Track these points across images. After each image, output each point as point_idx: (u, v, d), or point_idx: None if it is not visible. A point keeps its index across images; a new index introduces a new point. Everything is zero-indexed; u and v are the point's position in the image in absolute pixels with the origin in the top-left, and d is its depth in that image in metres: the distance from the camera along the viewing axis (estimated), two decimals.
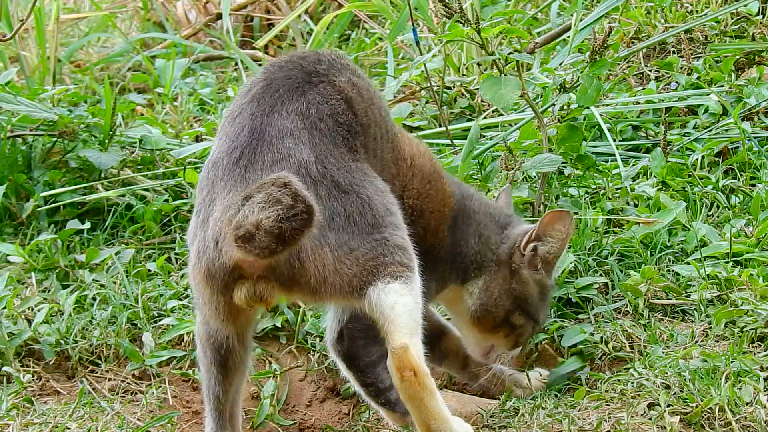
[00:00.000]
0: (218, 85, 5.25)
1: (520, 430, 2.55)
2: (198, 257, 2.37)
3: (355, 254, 2.36)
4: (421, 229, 2.77)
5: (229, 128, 2.47)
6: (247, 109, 2.47)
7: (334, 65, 2.61)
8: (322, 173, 2.39)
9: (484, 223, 2.88)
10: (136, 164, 4.05)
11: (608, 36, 3.39)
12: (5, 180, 3.86)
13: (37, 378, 3.08)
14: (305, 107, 2.47)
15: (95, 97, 4.90)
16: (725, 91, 4.06)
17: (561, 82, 3.47)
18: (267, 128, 2.41)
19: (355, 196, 2.41)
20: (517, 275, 2.82)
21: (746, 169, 3.65)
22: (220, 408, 2.58)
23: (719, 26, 4.49)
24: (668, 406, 2.44)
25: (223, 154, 2.41)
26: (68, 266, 3.49)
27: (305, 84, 2.52)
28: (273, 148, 2.38)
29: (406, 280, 2.38)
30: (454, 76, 4.58)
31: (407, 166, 2.77)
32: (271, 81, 2.53)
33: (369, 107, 2.60)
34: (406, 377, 2.30)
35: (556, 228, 2.79)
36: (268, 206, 2.18)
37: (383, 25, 5.58)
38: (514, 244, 2.83)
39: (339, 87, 2.55)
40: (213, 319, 2.44)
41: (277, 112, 2.45)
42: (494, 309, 2.82)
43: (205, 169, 2.46)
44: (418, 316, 2.38)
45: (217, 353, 2.53)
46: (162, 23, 6.33)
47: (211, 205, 2.36)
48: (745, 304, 2.86)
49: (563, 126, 3.51)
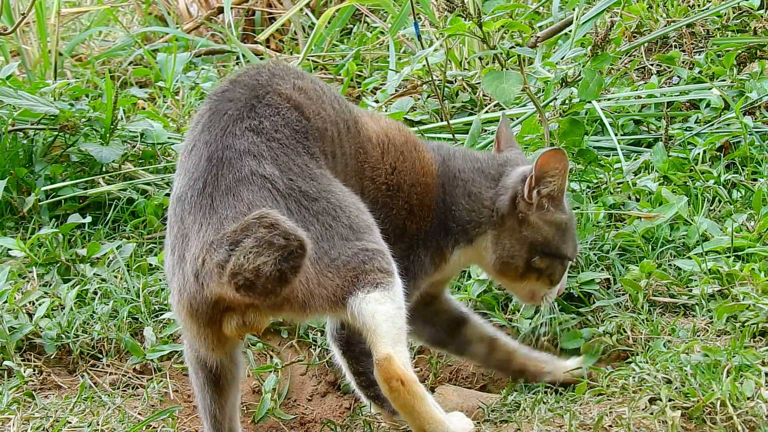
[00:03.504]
0: (220, 79, 5.24)
1: (521, 424, 2.55)
2: (180, 293, 2.34)
3: (336, 264, 2.34)
4: (405, 205, 2.73)
5: (186, 162, 2.43)
6: (200, 139, 2.43)
7: (276, 74, 2.58)
8: (288, 186, 2.37)
9: (472, 179, 2.82)
10: (137, 158, 4.04)
11: (610, 30, 3.38)
12: (6, 174, 3.86)
13: (38, 372, 3.08)
14: (258, 122, 2.43)
15: (96, 91, 4.90)
16: (727, 85, 4.06)
17: (563, 77, 3.47)
18: (224, 152, 2.38)
19: (325, 202, 2.39)
20: (527, 222, 2.77)
21: (748, 163, 3.65)
22: (218, 426, 2.57)
23: (721, 20, 4.49)
24: (670, 401, 2.44)
25: (186, 187, 2.38)
26: (69, 260, 3.49)
27: (252, 99, 2.48)
28: (234, 168, 2.35)
29: (386, 287, 2.35)
30: (455, 71, 4.57)
31: (373, 146, 2.72)
32: (216, 108, 2.49)
33: (321, 107, 2.57)
34: (394, 387, 2.28)
35: (552, 167, 2.73)
36: (262, 251, 2.17)
37: (385, 19, 5.58)
38: (516, 194, 2.78)
39: (286, 95, 2.52)
40: (202, 348, 2.44)
41: (231, 134, 2.41)
42: (512, 260, 2.79)
43: (171, 206, 2.43)
44: (401, 323, 2.35)
45: (209, 374, 2.53)
46: (163, 17, 6.32)
47: (184, 242, 2.33)
48: (747, 298, 2.85)
49: (565, 120, 3.51)
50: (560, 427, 2.49)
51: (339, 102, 2.67)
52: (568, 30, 4.40)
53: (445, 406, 2.66)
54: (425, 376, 3.10)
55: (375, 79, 4.76)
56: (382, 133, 2.76)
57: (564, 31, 4.51)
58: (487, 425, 2.60)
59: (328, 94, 2.64)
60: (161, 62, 5.14)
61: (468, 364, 3.13)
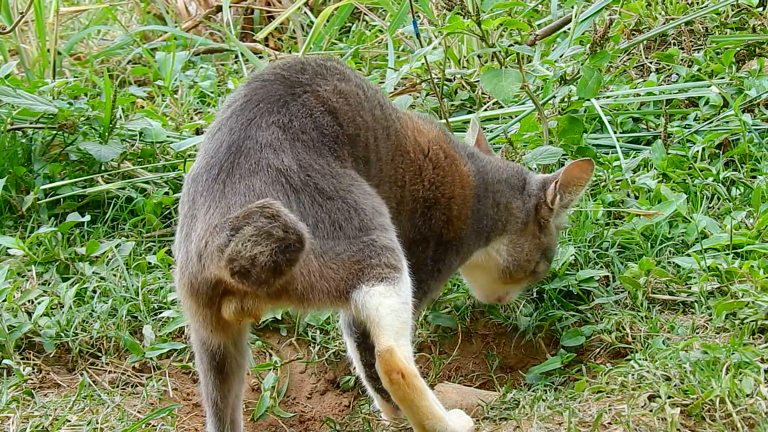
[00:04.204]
0: (218, 77, 5.24)
1: (520, 422, 2.55)
2: (182, 271, 2.36)
3: (341, 258, 2.34)
4: (443, 216, 2.80)
5: (208, 144, 2.46)
6: (226, 125, 2.46)
7: (319, 73, 2.58)
8: (304, 181, 2.37)
9: (501, 191, 2.95)
10: (136, 157, 4.04)
11: (609, 28, 3.39)
12: (5, 173, 3.85)
13: (38, 370, 3.08)
14: (287, 119, 2.45)
15: (95, 89, 4.90)
16: (726, 83, 4.06)
17: (561, 75, 3.47)
18: (245, 141, 2.40)
19: (340, 201, 2.39)
20: (546, 228, 2.96)
21: (747, 161, 3.65)
22: (219, 414, 2.57)
23: (720, 18, 4.49)
24: (669, 398, 2.44)
25: (203, 170, 2.40)
26: (68, 259, 3.49)
27: (287, 96, 2.49)
28: (250, 159, 2.37)
29: (392, 282, 2.35)
30: (454, 69, 4.57)
31: (412, 160, 2.76)
32: (251, 96, 2.50)
33: (358, 114, 2.57)
34: (395, 380, 2.29)
35: (579, 176, 2.92)
36: (260, 240, 2.17)
37: (384, 17, 5.58)
38: (539, 201, 2.95)
39: (323, 98, 2.52)
40: (202, 329, 2.44)
41: (256, 125, 2.42)
42: (526, 264, 2.96)
43: (186, 184, 2.45)
44: (406, 317, 2.35)
45: (212, 359, 2.53)
46: (162, 16, 6.32)
47: (192, 221, 2.35)
48: (746, 295, 2.86)
49: (564, 118, 3.52)
50: (559, 424, 2.48)
51: (382, 109, 2.68)
52: (567, 28, 4.40)
53: (445, 403, 2.66)
54: (425, 374, 3.10)
55: (374, 78, 4.76)
56: (423, 148, 2.81)
57: (563, 29, 4.51)
58: (486, 423, 2.60)
59: (371, 100, 2.65)
60: (160, 61, 5.14)
61: (467, 362, 3.13)
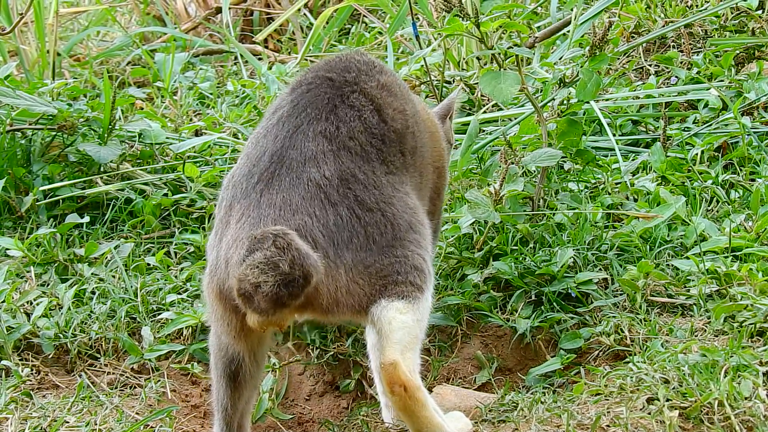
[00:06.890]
0: (218, 79, 5.25)
1: (519, 424, 2.55)
2: (211, 275, 2.37)
3: (369, 271, 2.34)
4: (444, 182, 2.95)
5: (251, 150, 2.44)
6: (272, 132, 2.44)
7: (362, 69, 2.57)
8: (344, 194, 2.35)
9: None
10: (135, 158, 4.04)
11: (608, 30, 3.38)
12: (4, 174, 3.85)
13: (36, 372, 3.08)
14: (335, 127, 2.42)
15: (94, 91, 4.90)
16: (725, 85, 4.06)
17: (561, 77, 3.47)
18: (289, 151, 2.38)
19: (380, 214, 2.38)
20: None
21: (746, 163, 3.65)
22: (228, 419, 2.57)
23: (719, 21, 4.49)
24: (667, 401, 2.44)
25: (243, 177, 2.39)
26: (67, 260, 3.49)
27: (336, 98, 2.47)
28: (292, 172, 2.35)
29: (412, 300, 2.35)
30: (453, 71, 4.57)
31: (432, 132, 2.85)
32: (298, 101, 2.48)
33: (403, 104, 2.57)
34: (396, 392, 2.28)
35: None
36: (267, 270, 2.17)
37: (383, 19, 5.58)
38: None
39: (371, 95, 2.51)
40: (225, 334, 2.43)
41: (302, 133, 2.40)
42: None
43: (225, 188, 2.44)
44: (417, 333, 2.34)
45: (227, 367, 2.52)
46: (161, 17, 6.32)
47: (226, 227, 2.36)
48: (745, 298, 2.85)
49: (563, 120, 3.51)
50: (558, 427, 2.48)
51: (412, 92, 2.71)
52: (567, 30, 4.40)
53: (443, 406, 2.66)
54: (423, 376, 3.10)
55: None
56: (431, 120, 2.90)
57: (562, 32, 4.51)
58: (485, 425, 2.60)
59: (404, 86, 2.66)
60: (159, 62, 5.15)
61: (466, 364, 3.13)
